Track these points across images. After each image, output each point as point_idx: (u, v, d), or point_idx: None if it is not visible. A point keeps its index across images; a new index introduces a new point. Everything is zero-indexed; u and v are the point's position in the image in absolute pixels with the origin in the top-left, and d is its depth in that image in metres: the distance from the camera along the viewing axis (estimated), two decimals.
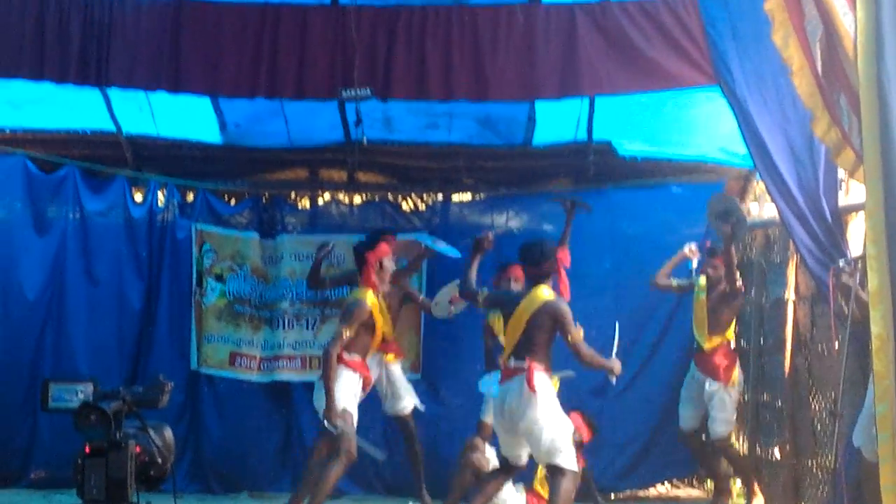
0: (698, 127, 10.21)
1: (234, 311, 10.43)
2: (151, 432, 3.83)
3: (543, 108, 10.11)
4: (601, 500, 9.24)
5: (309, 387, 9.74)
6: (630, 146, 10.67)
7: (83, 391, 3.87)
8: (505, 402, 7.68)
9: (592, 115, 10.22)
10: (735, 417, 9.59)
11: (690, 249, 9.47)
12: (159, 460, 3.82)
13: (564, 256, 8.10)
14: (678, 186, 10.56)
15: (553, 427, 7.57)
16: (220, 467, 10.18)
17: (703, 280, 9.56)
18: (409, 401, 9.36)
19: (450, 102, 9.35)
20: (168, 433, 3.92)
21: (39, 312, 10.22)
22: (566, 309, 7.76)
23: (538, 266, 7.97)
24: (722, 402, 9.36)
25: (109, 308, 10.34)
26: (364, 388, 8.84)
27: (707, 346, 9.42)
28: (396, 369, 9.43)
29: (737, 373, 9.47)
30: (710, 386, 9.37)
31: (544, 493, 8.38)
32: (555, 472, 7.57)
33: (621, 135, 10.56)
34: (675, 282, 9.64)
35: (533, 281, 7.99)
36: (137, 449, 3.76)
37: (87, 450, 3.72)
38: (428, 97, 8.94)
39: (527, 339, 7.74)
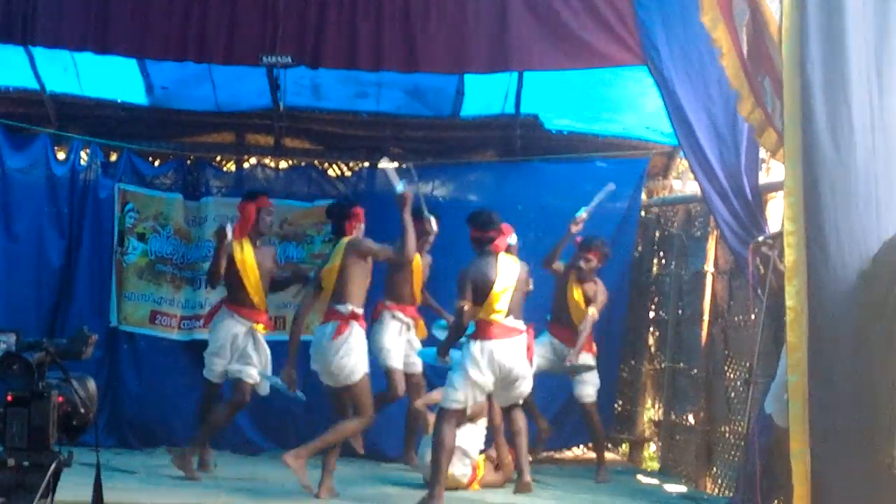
0: (625, 104, 10.36)
1: (155, 270, 10.39)
2: (74, 383, 3.82)
3: (472, 81, 10.16)
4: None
5: None
6: (557, 121, 10.81)
7: (6, 341, 3.84)
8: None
9: (521, 90, 10.32)
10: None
11: (575, 223, 9.42)
12: (82, 410, 3.81)
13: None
14: (603, 161, 10.69)
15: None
16: (138, 422, 10.17)
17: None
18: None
19: (380, 73, 9.36)
20: (91, 384, 3.91)
21: None
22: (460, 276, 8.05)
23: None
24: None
25: (28, 264, 10.24)
26: None
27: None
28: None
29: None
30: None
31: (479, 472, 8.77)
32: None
33: (549, 109, 10.70)
34: (562, 266, 9.62)
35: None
36: (60, 399, 3.75)
37: (10, 398, 3.71)
38: (357, 67, 8.93)
39: None
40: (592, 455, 10.25)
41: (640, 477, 9.77)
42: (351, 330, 8.10)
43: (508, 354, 7.95)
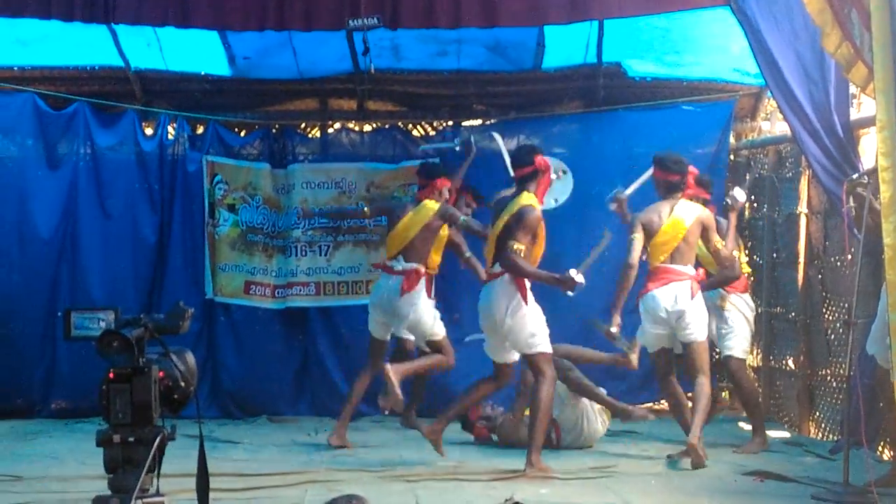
0: (709, 47, 10.19)
1: (247, 240, 10.50)
2: (174, 357, 3.86)
3: (553, 32, 10.07)
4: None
5: (324, 311, 9.90)
6: (640, 67, 10.67)
7: (105, 319, 3.90)
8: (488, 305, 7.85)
9: (602, 38, 10.19)
10: None
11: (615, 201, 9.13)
12: (182, 384, 3.86)
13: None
14: (689, 105, 10.54)
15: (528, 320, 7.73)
16: (239, 393, 10.32)
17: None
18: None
19: (458, 30, 9.30)
20: (190, 358, 3.95)
21: (54, 247, 10.29)
22: (530, 216, 7.72)
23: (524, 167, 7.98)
24: None
25: (123, 241, 10.41)
26: None
27: None
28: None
29: None
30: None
31: None
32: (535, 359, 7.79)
33: (631, 56, 10.55)
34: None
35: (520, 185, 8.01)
36: (161, 374, 3.80)
37: (112, 376, 3.76)
38: (437, 25, 8.88)
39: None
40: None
41: (741, 424, 9.67)
42: None
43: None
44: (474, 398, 8.27)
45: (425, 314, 8.74)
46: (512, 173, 8.17)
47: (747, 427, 9.17)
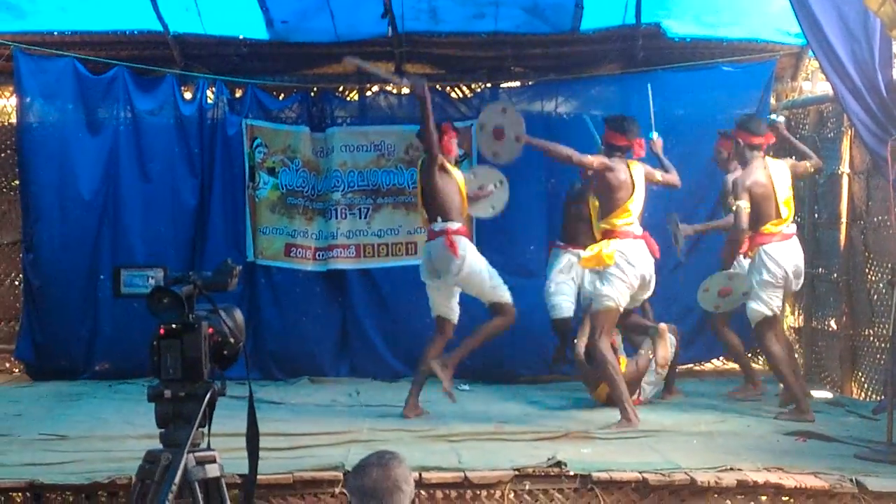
0: (749, 6, 10.10)
1: (287, 203, 10.53)
2: (222, 314, 3.90)
3: None
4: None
5: (364, 274, 9.97)
6: (679, 28, 10.58)
7: (154, 277, 3.94)
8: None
9: None
10: None
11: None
12: (231, 340, 3.90)
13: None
14: (729, 66, 10.46)
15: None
16: (280, 354, 10.35)
17: None
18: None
19: None
20: (238, 315, 3.99)
21: (96, 210, 10.36)
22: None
23: None
24: None
25: (164, 205, 10.47)
26: None
27: None
28: None
29: None
30: None
31: None
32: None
33: (670, 17, 10.46)
34: None
35: None
36: (210, 330, 3.84)
37: (162, 332, 3.80)
38: None
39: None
40: (733, 366, 10.21)
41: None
42: None
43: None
44: (480, 339, 8.47)
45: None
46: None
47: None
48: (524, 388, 9.79)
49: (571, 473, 6.33)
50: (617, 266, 7.97)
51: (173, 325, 3.78)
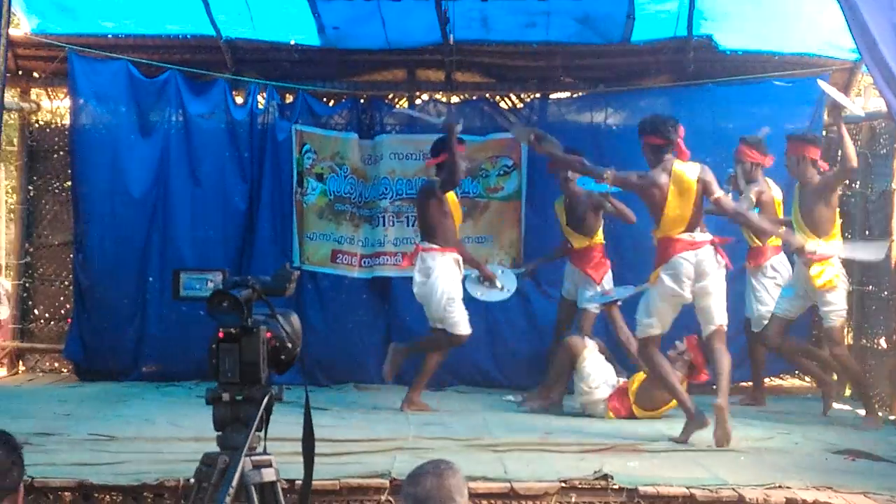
0: (802, 20, 10.03)
1: (334, 209, 10.57)
2: (280, 319, 3.92)
3: (642, 5, 10.01)
4: None
5: (410, 281, 9.93)
6: (731, 41, 10.53)
7: (213, 280, 3.96)
8: None
9: (693, 10, 10.07)
10: None
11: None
12: (289, 345, 3.91)
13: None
14: (781, 81, 10.39)
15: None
16: (326, 360, 10.32)
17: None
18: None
19: (548, 1, 9.26)
20: (295, 320, 4.00)
21: (145, 213, 10.45)
22: None
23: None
24: None
25: (213, 208, 10.54)
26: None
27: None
28: None
29: None
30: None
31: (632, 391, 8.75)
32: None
33: (722, 29, 10.41)
34: None
35: None
36: (268, 334, 3.85)
37: (221, 335, 3.82)
38: None
39: None
40: (781, 383, 10.14)
41: (835, 405, 9.55)
42: None
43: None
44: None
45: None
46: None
47: (839, 406, 9.12)
48: (569, 398, 9.75)
49: (618, 487, 6.29)
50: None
51: (232, 329, 3.79)
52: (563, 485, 6.30)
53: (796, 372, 10.60)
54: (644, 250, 8.48)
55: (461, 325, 8.89)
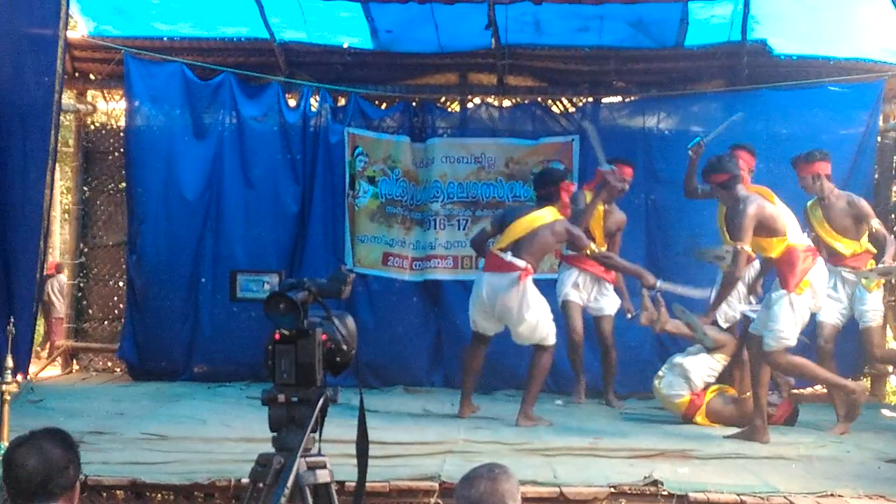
0: (857, 25, 9.95)
1: (386, 212, 10.61)
2: (336, 321, 3.93)
3: (697, 9, 9.98)
4: None
5: (461, 285, 9.98)
6: (785, 46, 10.46)
7: (269, 282, 3.98)
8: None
9: (747, 15, 10.02)
10: None
11: (694, 151, 9.05)
12: (344, 347, 3.92)
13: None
14: (835, 86, 10.31)
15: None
16: (376, 363, 10.32)
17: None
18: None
19: (602, 5, 9.25)
20: (350, 322, 4.01)
21: (199, 214, 10.54)
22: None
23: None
24: None
25: (265, 210, 10.60)
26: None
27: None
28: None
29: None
30: None
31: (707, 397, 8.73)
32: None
33: (777, 34, 10.35)
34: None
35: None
36: (324, 336, 3.86)
37: (277, 337, 3.84)
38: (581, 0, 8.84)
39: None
40: (802, 392, 10.06)
41: (883, 411, 9.49)
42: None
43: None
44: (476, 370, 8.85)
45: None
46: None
47: (891, 414, 9.03)
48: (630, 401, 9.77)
49: (667, 493, 6.26)
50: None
51: (289, 331, 3.81)
52: (613, 490, 6.28)
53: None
54: None
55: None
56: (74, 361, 11.36)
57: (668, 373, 8.75)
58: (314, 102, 10.77)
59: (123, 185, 10.97)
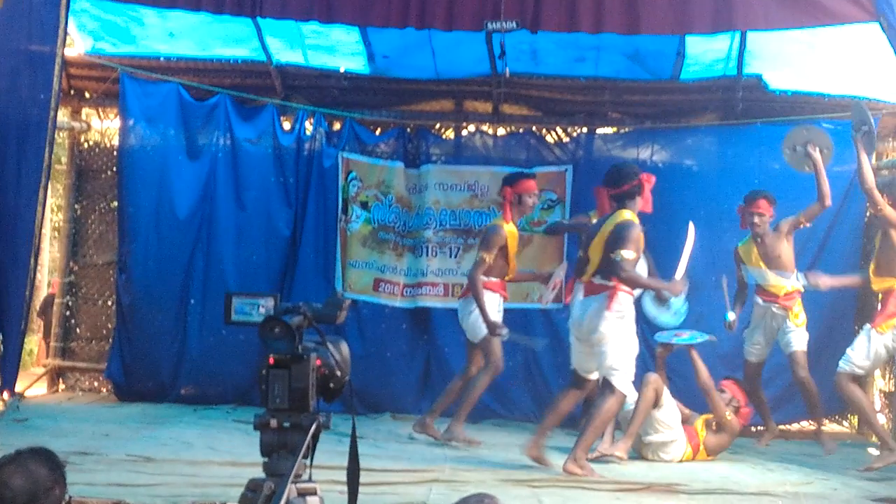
0: (852, 63, 9.98)
1: (378, 238, 10.59)
2: (330, 346, 3.90)
3: (693, 43, 10.02)
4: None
5: (451, 313, 9.92)
6: (780, 81, 10.51)
7: (264, 305, 3.95)
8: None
9: (743, 50, 10.07)
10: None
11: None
12: (338, 373, 3.90)
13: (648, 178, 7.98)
14: (829, 122, 10.31)
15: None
16: (364, 389, 10.23)
17: None
18: None
19: (599, 35, 9.26)
20: (344, 348, 3.97)
21: (190, 235, 10.49)
22: (633, 230, 7.62)
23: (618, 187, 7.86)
24: None
25: (257, 232, 10.57)
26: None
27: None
28: None
29: None
30: None
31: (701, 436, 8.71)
32: (606, 385, 7.75)
33: (772, 69, 10.39)
34: None
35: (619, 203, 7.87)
36: (318, 361, 3.83)
37: (272, 361, 3.81)
38: (578, 29, 8.83)
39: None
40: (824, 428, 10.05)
41: (870, 450, 9.46)
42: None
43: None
44: (562, 411, 8.18)
45: None
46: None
47: (876, 452, 8.99)
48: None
49: None
50: None
51: (283, 355, 3.78)
52: None
53: (836, 416, 10.53)
54: None
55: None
56: (61, 381, 11.27)
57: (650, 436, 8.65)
58: (309, 126, 10.74)
59: (115, 203, 10.91)
